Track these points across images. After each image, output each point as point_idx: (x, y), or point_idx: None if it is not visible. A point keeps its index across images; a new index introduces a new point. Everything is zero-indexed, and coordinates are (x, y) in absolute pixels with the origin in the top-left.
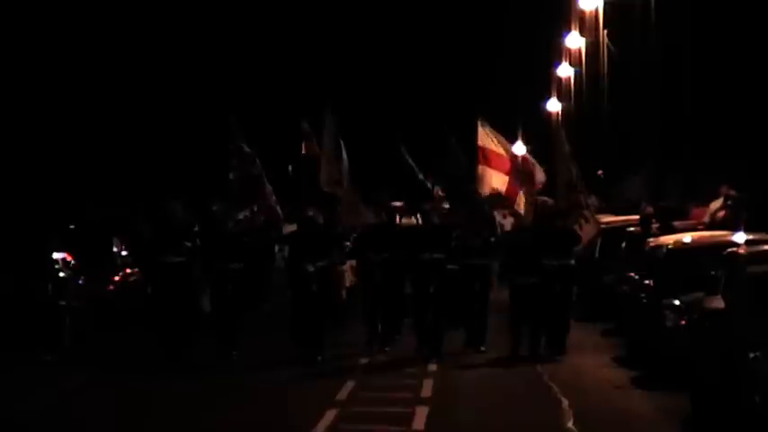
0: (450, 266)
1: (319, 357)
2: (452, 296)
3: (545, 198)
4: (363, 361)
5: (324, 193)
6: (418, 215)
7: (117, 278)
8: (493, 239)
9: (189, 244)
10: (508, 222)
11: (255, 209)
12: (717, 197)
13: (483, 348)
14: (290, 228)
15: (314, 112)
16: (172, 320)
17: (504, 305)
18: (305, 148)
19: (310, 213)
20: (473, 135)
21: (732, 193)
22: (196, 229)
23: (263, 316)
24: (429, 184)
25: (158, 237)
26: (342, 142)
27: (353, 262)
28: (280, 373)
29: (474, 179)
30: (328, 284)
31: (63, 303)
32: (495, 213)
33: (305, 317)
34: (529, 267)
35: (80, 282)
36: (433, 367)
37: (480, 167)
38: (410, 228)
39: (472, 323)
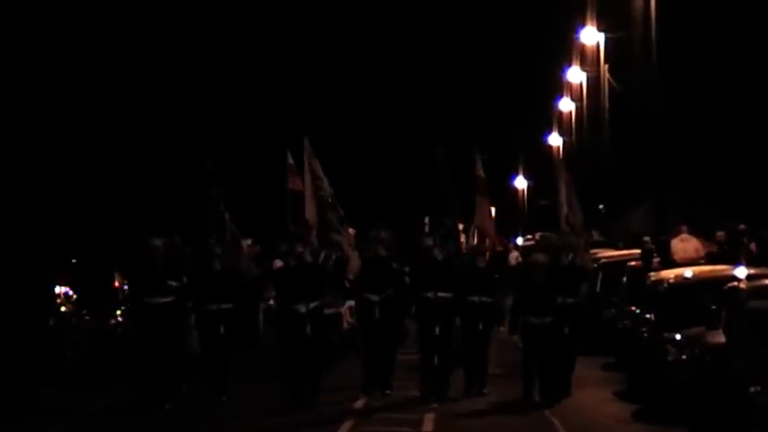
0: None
1: (316, 398)
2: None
3: (548, 234)
4: (360, 404)
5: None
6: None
7: (118, 312)
8: (497, 276)
9: (175, 283)
10: (513, 257)
11: (250, 241)
12: (677, 234)
13: (485, 391)
14: (278, 264)
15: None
16: (159, 363)
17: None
18: (291, 182)
19: (299, 249)
20: (469, 168)
21: (743, 227)
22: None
23: (254, 358)
24: (426, 220)
25: (143, 277)
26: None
27: (352, 303)
28: (274, 419)
29: (467, 210)
30: (323, 325)
31: (64, 337)
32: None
33: (297, 361)
34: (543, 306)
35: (81, 316)
36: (433, 407)
37: (479, 198)
38: (413, 264)
39: (472, 366)
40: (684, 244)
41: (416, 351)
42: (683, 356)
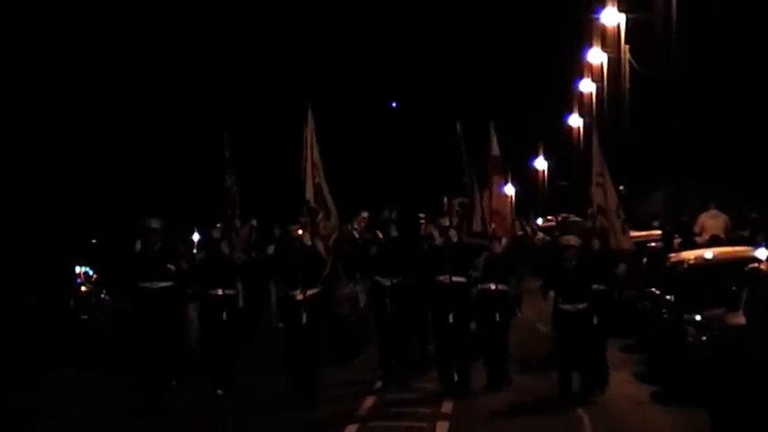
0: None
1: (314, 396)
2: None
3: (573, 218)
4: (367, 404)
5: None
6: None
7: None
8: (515, 261)
9: (173, 267)
10: (537, 239)
11: (253, 223)
12: (706, 210)
13: (507, 387)
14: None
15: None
16: (155, 354)
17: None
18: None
19: (298, 233)
20: (485, 149)
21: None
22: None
23: (264, 349)
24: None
25: (140, 260)
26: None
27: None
28: (281, 415)
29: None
30: (322, 313)
31: (84, 317)
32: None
33: (295, 352)
34: (576, 292)
35: (102, 296)
36: (450, 401)
37: (495, 178)
38: (426, 247)
39: (491, 358)
40: (715, 220)
41: (431, 340)
42: (703, 338)
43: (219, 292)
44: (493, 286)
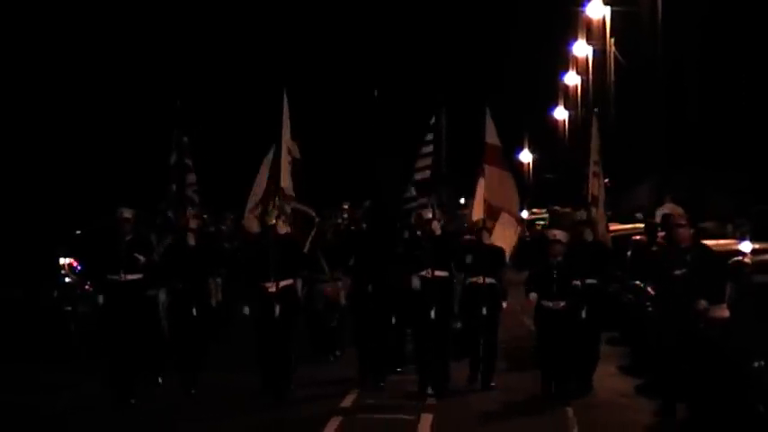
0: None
1: (291, 388)
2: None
3: (561, 209)
4: (350, 399)
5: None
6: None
7: None
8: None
9: (143, 258)
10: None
11: (232, 217)
12: (662, 204)
13: (493, 384)
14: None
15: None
16: (125, 350)
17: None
18: None
19: (272, 221)
20: (474, 142)
21: None
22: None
23: (230, 344)
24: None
25: (107, 251)
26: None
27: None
28: (255, 415)
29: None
30: (297, 306)
31: (69, 309)
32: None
33: (269, 348)
34: (558, 288)
35: (86, 288)
36: (431, 402)
37: (488, 168)
38: (408, 240)
39: (477, 356)
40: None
41: (411, 337)
42: None
43: (187, 285)
44: (481, 279)
